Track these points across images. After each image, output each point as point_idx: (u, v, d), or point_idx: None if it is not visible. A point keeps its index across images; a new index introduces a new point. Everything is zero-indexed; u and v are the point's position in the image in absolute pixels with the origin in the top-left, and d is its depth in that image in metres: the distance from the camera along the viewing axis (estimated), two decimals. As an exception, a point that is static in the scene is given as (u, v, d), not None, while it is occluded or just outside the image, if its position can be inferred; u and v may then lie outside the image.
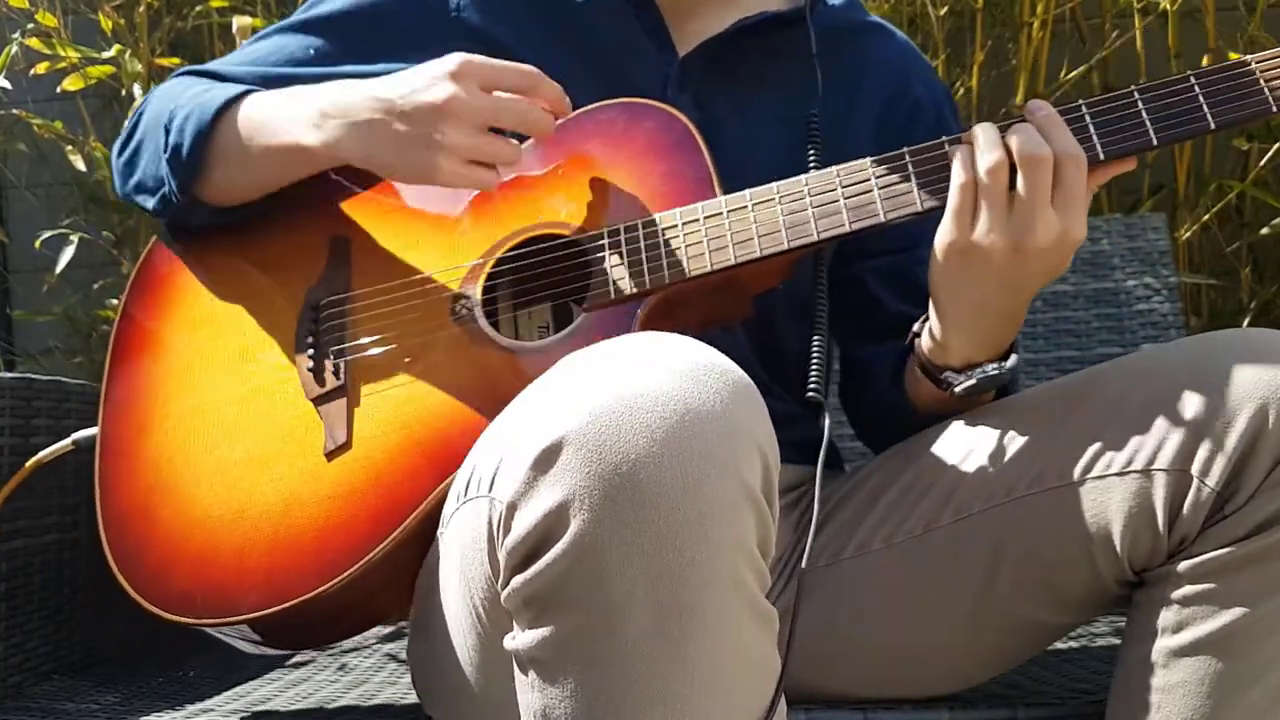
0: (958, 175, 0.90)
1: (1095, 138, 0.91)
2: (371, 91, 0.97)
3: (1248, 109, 0.90)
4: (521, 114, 0.95)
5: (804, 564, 0.84)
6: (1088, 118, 0.91)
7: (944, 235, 0.91)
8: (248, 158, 1.03)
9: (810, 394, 0.95)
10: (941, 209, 0.92)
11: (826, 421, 0.91)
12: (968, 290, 0.93)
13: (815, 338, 0.98)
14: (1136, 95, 0.91)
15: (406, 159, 0.95)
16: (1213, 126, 0.90)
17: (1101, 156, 0.91)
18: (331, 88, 1.00)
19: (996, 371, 0.97)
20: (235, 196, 1.07)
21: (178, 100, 1.08)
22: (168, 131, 1.06)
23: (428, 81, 0.94)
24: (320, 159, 1.00)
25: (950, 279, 0.93)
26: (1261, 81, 0.90)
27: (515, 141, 0.96)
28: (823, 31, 1.13)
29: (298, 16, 1.16)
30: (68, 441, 1.11)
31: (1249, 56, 0.90)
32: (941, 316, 0.96)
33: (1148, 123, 0.90)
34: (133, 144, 1.13)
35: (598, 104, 1.06)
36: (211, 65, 1.16)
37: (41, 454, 1.12)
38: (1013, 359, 0.98)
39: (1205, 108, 0.90)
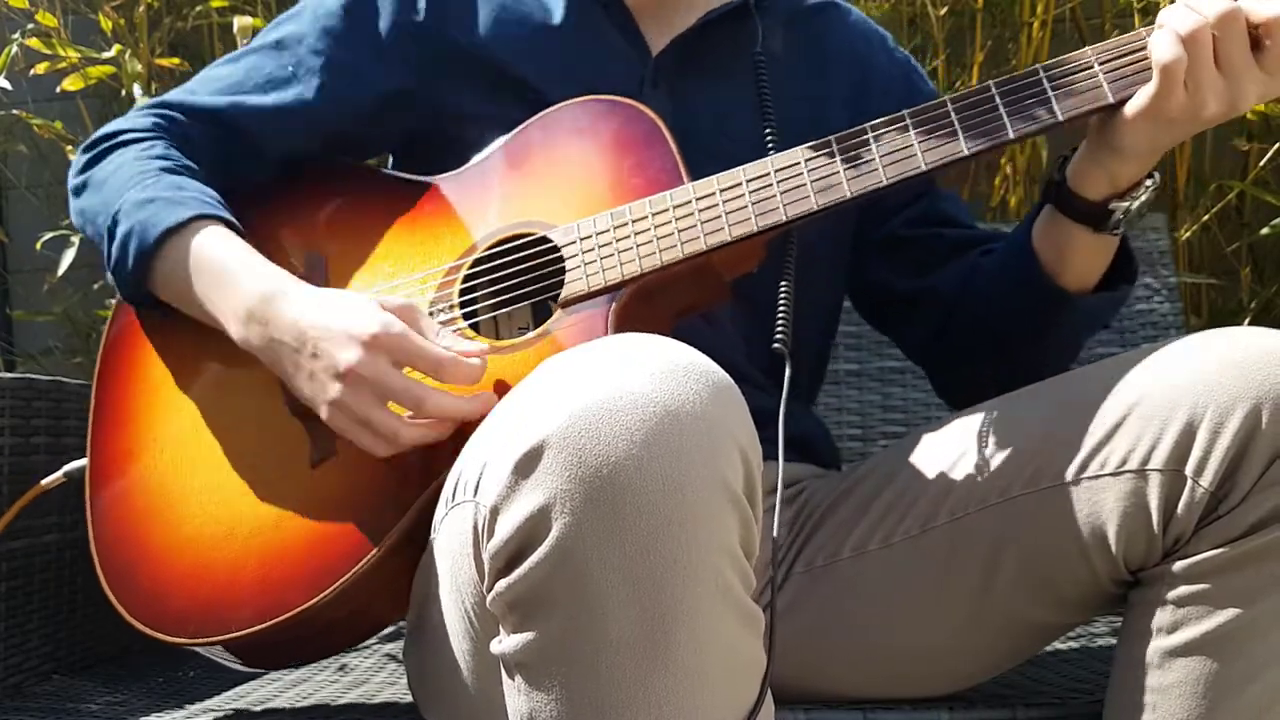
0: (1167, 49, 0.90)
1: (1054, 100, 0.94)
2: (297, 317, 0.93)
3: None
4: (417, 401, 0.89)
5: (778, 564, 0.84)
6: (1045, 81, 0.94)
7: (1152, 108, 0.91)
8: (185, 293, 1.01)
9: (776, 344, 0.93)
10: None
11: (787, 370, 0.91)
12: (1164, 139, 0.94)
13: (783, 284, 0.97)
14: (1091, 55, 0.96)
15: (304, 389, 0.93)
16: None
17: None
18: (268, 286, 0.96)
19: (1152, 184, 0.98)
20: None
21: (122, 194, 1.03)
22: (111, 236, 1.03)
23: (343, 337, 0.90)
24: (239, 344, 0.98)
25: (1150, 134, 0.94)
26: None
27: (402, 418, 0.90)
28: (782, 16, 1.16)
29: (270, 35, 1.16)
30: (59, 474, 1.12)
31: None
32: (1122, 159, 0.96)
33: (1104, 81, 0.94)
34: (80, 203, 1.09)
35: (562, 103, 1.06)
36: (188, 95, 1.13)
37: (42, 484, 1.14)
38: (1155, 175, 0.99)
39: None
